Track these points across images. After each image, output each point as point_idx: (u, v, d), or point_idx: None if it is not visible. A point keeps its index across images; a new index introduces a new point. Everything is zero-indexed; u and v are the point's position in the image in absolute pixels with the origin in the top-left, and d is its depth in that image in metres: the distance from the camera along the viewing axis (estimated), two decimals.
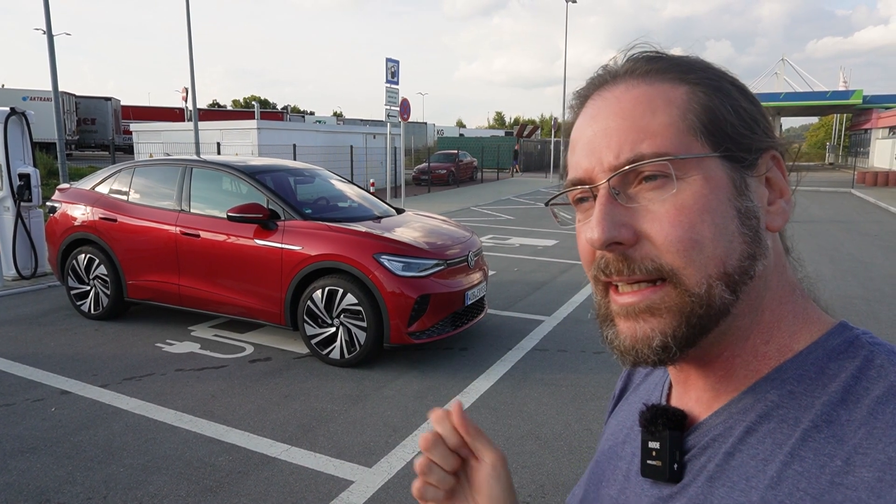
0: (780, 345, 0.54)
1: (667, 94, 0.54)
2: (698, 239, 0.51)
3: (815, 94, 39.97)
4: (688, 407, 0.59)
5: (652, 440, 0.58)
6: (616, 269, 0.54)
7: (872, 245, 11.23)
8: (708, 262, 0.51)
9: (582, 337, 5.72)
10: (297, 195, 5.84)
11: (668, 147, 0.52)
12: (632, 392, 0.75)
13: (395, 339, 4.79)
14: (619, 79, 0.57)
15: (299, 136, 18.90)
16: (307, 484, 3.27)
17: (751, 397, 0.53)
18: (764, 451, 0.50)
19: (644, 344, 0.53)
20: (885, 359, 0.50)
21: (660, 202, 0.52)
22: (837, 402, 0.49)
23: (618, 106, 0.55)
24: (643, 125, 0.53)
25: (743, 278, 0.52)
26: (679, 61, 0.57)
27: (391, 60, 13.99)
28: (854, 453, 0.45)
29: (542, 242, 11.24)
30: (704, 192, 0.52)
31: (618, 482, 0.64)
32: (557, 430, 3.91)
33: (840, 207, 17.68)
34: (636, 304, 0.53)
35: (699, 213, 0.51)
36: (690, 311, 0.52)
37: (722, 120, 0.54)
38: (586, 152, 0.56)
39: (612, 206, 0.53)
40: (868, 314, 6.57)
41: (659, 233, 0.52)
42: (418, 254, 4.98)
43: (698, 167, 0.52)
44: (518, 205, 17.99)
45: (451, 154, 26.78)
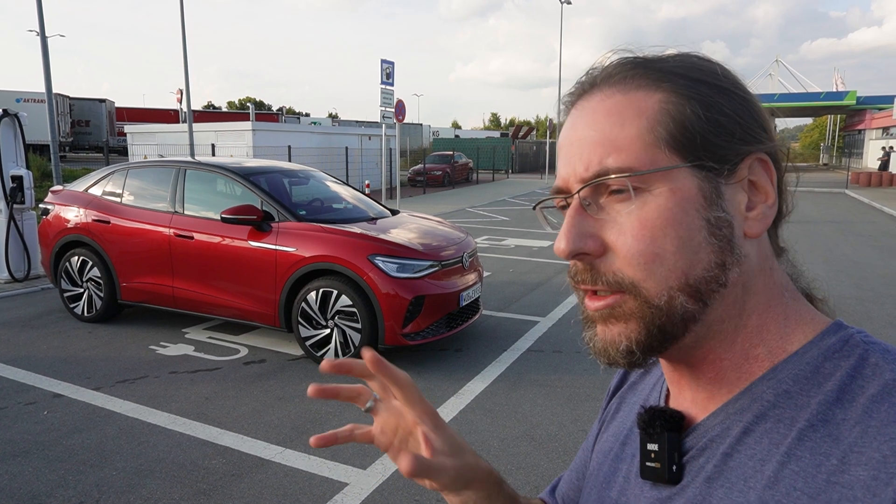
0: (772, 346, 0.54)
1: (639, 104, 0.54)
2: (659, 252, 0.52)
3: (810, 95, 40.15)
4: (684, 408, 0.60)
5: (650, 442, 0.58)
6: (583, 278, 0.56)
7: (866, 245, 11.28)
8: (668, 275, 0.52)
9: (577, 338, 5.69)
10: (291, 197, 5.83)
11: (632, 161, 0.53)
12: (627, 389, 0.75)
13: (389, 341, 4.78)
14: (597, 88, 0.57)
15: (294, 137, 18.88)
16: (301, 486, 3.25)
17: (747, 398, 0.54)
18: (761, 451, 0.50)
19: (613, 347, 0.56)
20: (880, 357, 0.50)
21: (626, 214, 0.53)
22: (833, 401, 0.49)
23: (592, 118, 0.56)
24: (612, 138, 0.54)
25: (710, 287, 0.53)
26: (658, 66, 0.56)
27: (386, 62, 13.99)
28: (850, 452, 0.45)
29: (538, 243, 11.25)
30: (669, 205, 0.52)
31: (618, 484, 0.65)
32: (552, 431, 3.90)
33: (834, 208, 17.75)
34: (601, 310, 0.55)
35: (661, 227, 0.52)
36: (650, 320, 0.53)
37: (691, 130, 0.53)
38: (564, 162, 0.58)
39: (581, 217, 0.55)
40: (862, 314, 6.60)
41: (623, 245, 0.53)
42: (413, 255, 4.97)
43: (664, 180, 0.52)
44: (513, 206, 18.00)
45: (447, 155, 26.77)
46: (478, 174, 28.69)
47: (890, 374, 0.48)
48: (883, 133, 33.76)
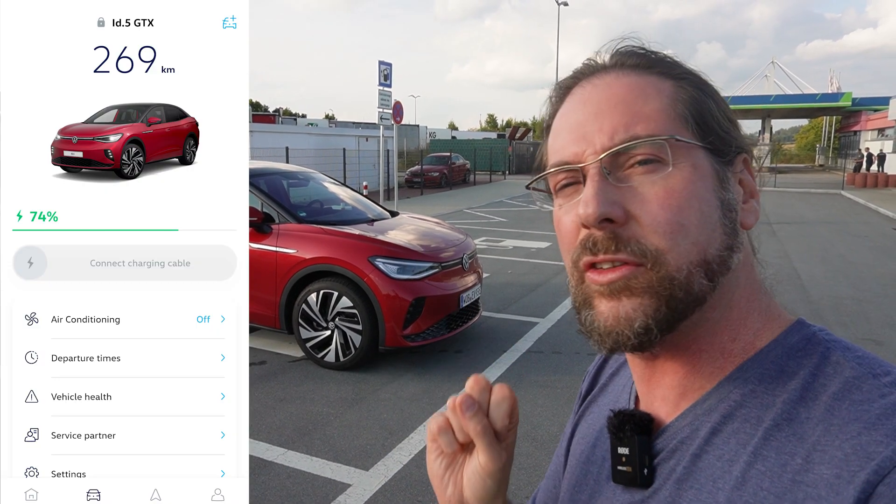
0: (745, 343, 0.55)
1: (656, 84, 0.56)
2: (685, 223, 0.52)
3: (805, 96, 40.35)
4: (653, 407, 0.59)
5: (621, 446, 0.58)
6: (605, 247, 0.53)
7: (862, 246, 11.33)
8: (691, 248, 0.52)
9: (576, 338, 5.72)
10: (290, 198, 5.83)
11: (661, 130, 0.53)
12: (598, 392, 0.75)
13: (390, 342, 4.79)
14: (609, 69, 0.58)
15: (291, 138, 18.86)
16: (304, 487, 3.26)
17: (715, 397, 0.54)
18: (729, 452, 0.51)
19: (626, 325, 0.52)
20: (840, 355, 0.51)
21: (650, 184, 0.52)
22: (797, 400, 0.49)
23: (609, 91, 0.56)
24: (636, 110, 0.54)
25: (721, 268, 0.53)
26: (664, 58, 0.58)
27: (384, 63, 13.99)
28: (813, 451, 0.46)
29: (536, 244, 11.27)
30: (693, 178, 0.53)
31: (588, 487, 0.64)
32: (553, 431, 3.92)
33: (830, 209, 17.82)
34: (616, 282, 0.52)
35: (687, 198, 0.52)
36: (670, 294, 0.52)
37: (707, 114, 0.55)
38: (575, 136, 0.56)
39: (605, 183, 0.53)
40: (859, 314, 6.63)
41: (648, 214, 0.52)
42: (413, 256, 4.99)
43: (688, 155, 0.53)
44: (511, 207, 18.02)
45: (444, 156, 26.78)
46: (475, 175, 28.72)
47: (850, 371, 0.49)
48: (878, 134, 33.90)
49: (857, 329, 6.10)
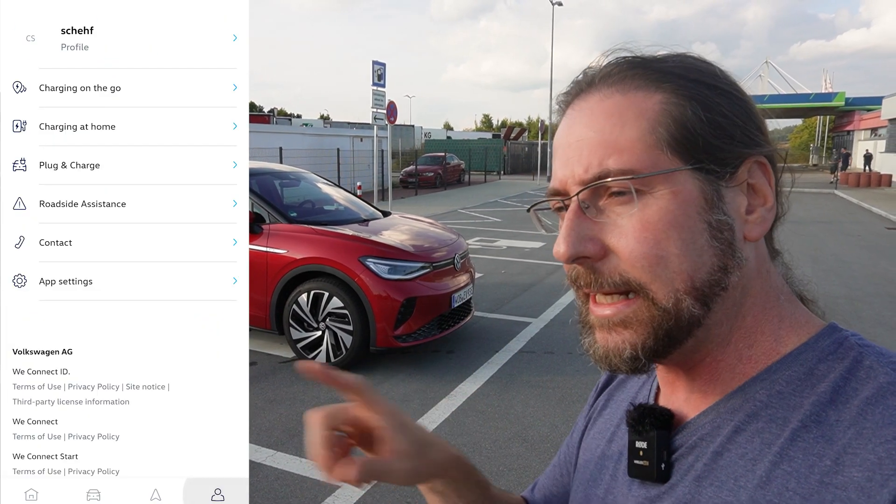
0: (766, 348, 0.54)
1: (639, 105, 0.53)
2: (663, 255, 0.51)
3: (799, 96, 40.58)
4: (676, 406, 0.59)
5: (639, 440, 0.58)
6: (586, 281, 0.55)
7: (855, 245, 11.38)
8: (674, 278, 0.51)
9: (569, 339, 5.73)
10: (282, 198, 5.80)
11: (633, 163, 0.52)
12: (616, 386, 0.75)
13: (381, 343, 4.77)
14: (594, 87, 0.56)
15: (286, 139, 18.82)
16: (293, 489, 3.24)
17: (739, 397, 0.53)
18: (752, 451, 0.50)
19: (615, 354, 0.55)
20: (874, 360, 0.50)
21: (627, 217, 0.52)
22: (826, 403, 0.49)
23: (590, 118, 0.55)
24: (612, 139, 0.53)
25: (714, 290, 0.52)
26: (657, 67, 0.55)
27: (378, 63, 13.98)
28: (843, 453, 0.45)
29: (530, 244, 11.27)
30: (671, 207, 0.51)
31: (605, 482, 0.64)
32: (544, 432, 3.91)
33: (823, 208, 17.89)
34: (611, 318, 0.54)
35: (664, 229, 0.51)
36: (658, 324, 0.52)
37: (693, 132, 0.52)
38: (561, 163, 0.56)
39: (580, 220, 0.54)
40: (851, 313, 6.65)
41: (625, 248, 0.52)
42: (404, 257, 4.97)
43: (666, 182, 0.52)
44: (505, 207, 18.03)
45: (439, 157, 26.78)
46: (470, 175, 28.73)
47: (885, 376, 0.48)
48: (871, 134, 34.08)
49: (849, 328, 6.08)
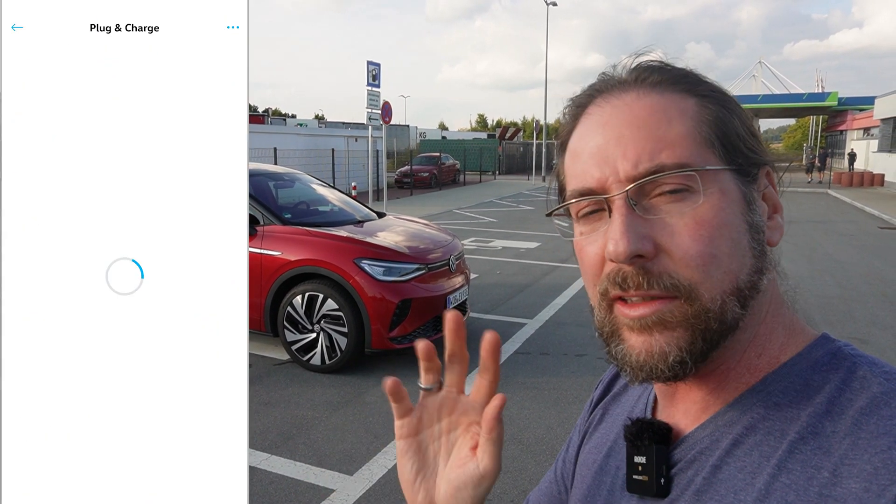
0: (770, 357, 0.54)
1: (679, 104, 0.53)
2: (716, 254, 0.50)
3: (792, 96, 40.73)
4: (674, 420, 0.58)
5: (638, 455, 0.57)
6: (635, 283, 0.51)
7: (849, 245, 11.42)
8: (723, 278, 0.50)
9: (564, 340, 5.73)
10: (276, 200, 5.78)
11: (688, 158, 0.51)
12: (611, 400, 0.73)
13: (376, 345, 4.76)
14: (628, 86, 0.55)
15: (280, 139, 18.77)
16: (287, 493, 3.22)
17: (737, 410, 0.53)
18: (751, 464, 0.50)
19: (660, 359, 0.51)
20: (868, 370, 0.50)
21: (678, 215, 0.50)
22: (823, 414, 0.49)
23: (631, 114, 0.53)
24: (660, 135, 0.51)
25: (752, 293, 0.52)
26: (686, 73, 0.56)
27: (372, 63, 13.95)
28: (840, 464, 0.46)
29: (525, 245, 11.27)
30: (723, 205, 0.51)
31: (602, 497, 0.63)
32: (539, 433, 3.90)
33: (817, 208, 17.96)
34: (648, 317, 0.51)
35: (718, 227, 0.50)
36: (706, 326, 0.50)
37: (733, 134, 0.53)
38: (597, 161, 0.53)
39: (633, 217, 0.51)
40: (845, 313, 6.67)
41: (679, 247, 0.50)
42: (399, 258, 4.95)
43: (715, 180, 0.51)
44: (501, 207, 18.03)
45: (434, 157, 26.76)
46: (465, 175, 28.71)
47: (878, 386, 0.48)
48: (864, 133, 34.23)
49: (842, 328, 6.13)
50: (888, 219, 15.01)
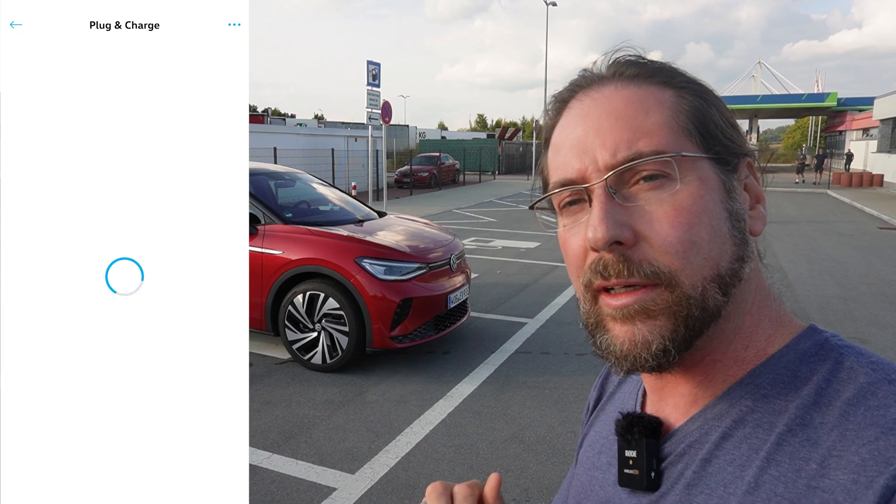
0: (757, 349, 0.54)
1: (656, 95, 0.54)
2: (696, 240, 0.51)
3: (792, 96, 40.70)
4: (664, 414, 0.59)
5: (628, 449, 0.57)
6: (616, 270, 0.52)
7: (848, 245, 11.42)
8: (703, 265, 0.51)
9: (565, 339, 5.73)
10: (277, 199, 5.78)
11: (665, 146, 0.52)
12: (606, 401, 0.74)
13: (377, 344, 4.76)
14: (606, 80, 0.56)
15: (280, 139, 18.75)
16: (289, 492, 3.22)
17: (725, 402, 0.53)
18: (740, 457, 0.50)
19: (643, 348, 0.52)
20: (855, 361, 0.50)
21: (657, 202, 0.51)
22: (810, 406, 0.49)
23: (609, 105, 0.54)
24: (638, 124, 0.52)
25: (733, 280, 0.52)
26: (663, 66, 0.57)
27: (372, 63, 13.95)
28: (828, 456, 0.46)
29: (525, 245, 11.27)
30: (701, 192, 0.52)
31: (595, 493, 0.63)
32: (541, 432, 3.90)
33: (816, 208, 17.97)
34: (630, 306, 0.52)
35: (697, 214, 0.51)
36: (687, 313, 0.51)
37: (710, 123, 0.54)
38: (577, 152, 0.54)
39: (612, 204, 0.52)
40: (845, 313, 6.68)
41: (658, 234, 0.51)
42: (400, 257, 4.96)
43: (693, 168, 0.52)
44: (500, 207, 18.02)
45: (434, 157, 26.73)
46: (464, 175, 28.70)
47: (864, 377, 0.49)
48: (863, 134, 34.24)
49: (842, 327, 6.13)
50: (887, 219, 15.02)
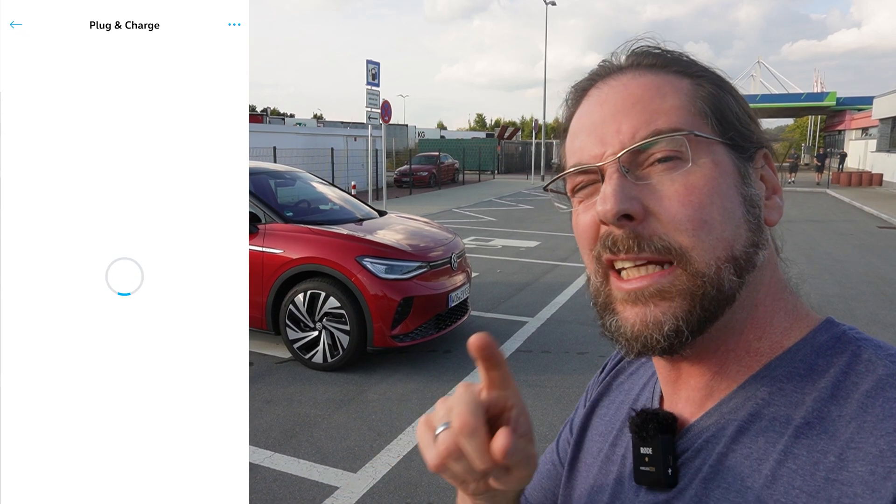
0: (773, 341, 0.54)
1: (673, 83, 0.55)
2: (707, 219, 0.51)
3: (791, 96, 40.72)
4: (678, 408, 0.58)
5: (644, 446, 0.57)
6: (625, 246, 0.52)
7: (848, 244, 11.44)
8: (716, 244, 0.51)
9: (565, 338, 5.73)
10: (277, 198, 5.78)
11: (680, 125, 0.52)
12: (614, 384, 0.73)
13: (378, 343, 4.76)
14: (625, 69, 0.57)
15: (279, 138, 18.73)
16: (291, 491, 3.22)
17: (741, 396, 0.53)
18: (757, 451, 0.50)
19: (655, 329, 0.52)
20: (873, 353, 0.50)
21: (669, 182, 0.52)
22: (828, 398, 0.49)
23: (626, 91, 0.55)
24: (654, 108, 0.53)
25: (748, 265, 0.52)
26: (680, 56, 0.58)
27: (372, 62, 13.94)
28: (846, 448, 0.45)
29: (525, 244, 11.27)
30: (714, 174, 0.52)
31: (609, 488, 0.63)
32: (542, 431, 3.90)
33: (816, 207, 17.98)
34: (644, 289, 0.52)
35: (708, 194, 0.51)
36: (703, 293, 0.51)
37: (727, 109, 0.55)
38: (594, 136, 0.55)
39: (624, 180, 0.52)
40: (845, 312, 6.68)
41: (667, 210, 0.51)
42: (401, 256, 4.95)
43: (708, 151, 0.52)
44: (500, 206, 18.02)
45: (433, 156, 26.73)
46: (464, 175, 28.70)
47: (883, 369, 0.48)
48: (862, 133, 34.27)
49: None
50: (887, 218, 15.03)
